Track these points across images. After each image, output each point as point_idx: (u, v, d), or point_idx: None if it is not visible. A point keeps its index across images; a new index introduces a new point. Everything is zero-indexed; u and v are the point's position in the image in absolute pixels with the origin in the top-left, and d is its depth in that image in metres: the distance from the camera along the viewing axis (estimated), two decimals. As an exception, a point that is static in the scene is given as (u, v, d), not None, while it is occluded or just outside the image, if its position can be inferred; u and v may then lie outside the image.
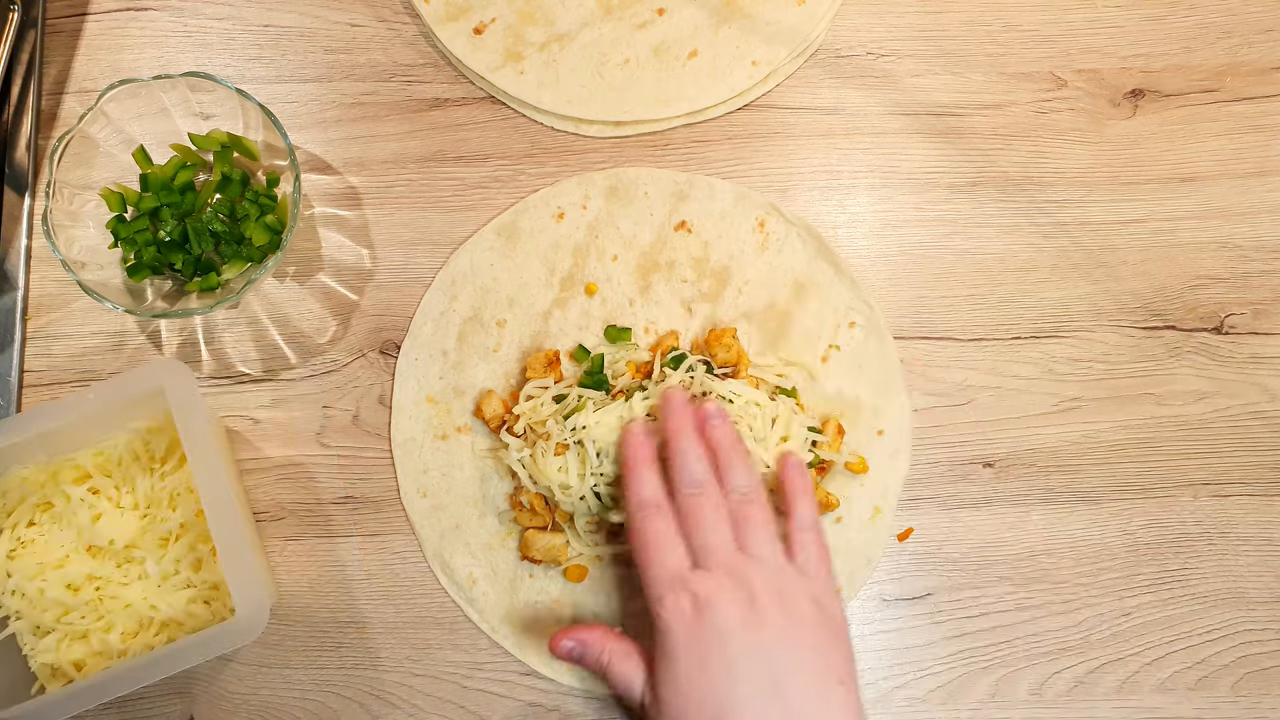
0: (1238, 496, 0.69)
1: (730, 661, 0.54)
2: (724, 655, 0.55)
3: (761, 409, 0.64)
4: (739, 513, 0.59)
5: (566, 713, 0.67)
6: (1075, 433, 0.70)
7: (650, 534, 0.58)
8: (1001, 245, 0.72)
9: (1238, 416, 0.70)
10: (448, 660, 0.67)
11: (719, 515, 0.59)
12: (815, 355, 0.69)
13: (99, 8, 0.74)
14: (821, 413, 0.68)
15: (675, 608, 0.56)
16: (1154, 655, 0.67)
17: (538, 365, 0.68)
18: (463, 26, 0.72)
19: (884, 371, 0.69)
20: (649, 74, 0.72)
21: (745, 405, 0.64)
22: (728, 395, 0.64)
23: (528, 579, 0.67)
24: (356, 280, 0.71)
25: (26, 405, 0.69)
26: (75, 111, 0.72)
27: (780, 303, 0.70)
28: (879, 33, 0.75)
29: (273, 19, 0.74)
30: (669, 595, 0.56)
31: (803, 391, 0.68)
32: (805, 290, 0.70)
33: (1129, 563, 0.69)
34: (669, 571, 0.57)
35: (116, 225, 0.68)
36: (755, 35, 0.72)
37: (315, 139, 0.73)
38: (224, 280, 0.68)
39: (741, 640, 0.55)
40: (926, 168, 0.73)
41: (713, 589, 0.56)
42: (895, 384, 0.69)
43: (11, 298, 0.70)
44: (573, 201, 0.71)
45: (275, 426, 0.70)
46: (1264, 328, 0.71)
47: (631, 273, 0.70)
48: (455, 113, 0.73)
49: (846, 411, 0.69)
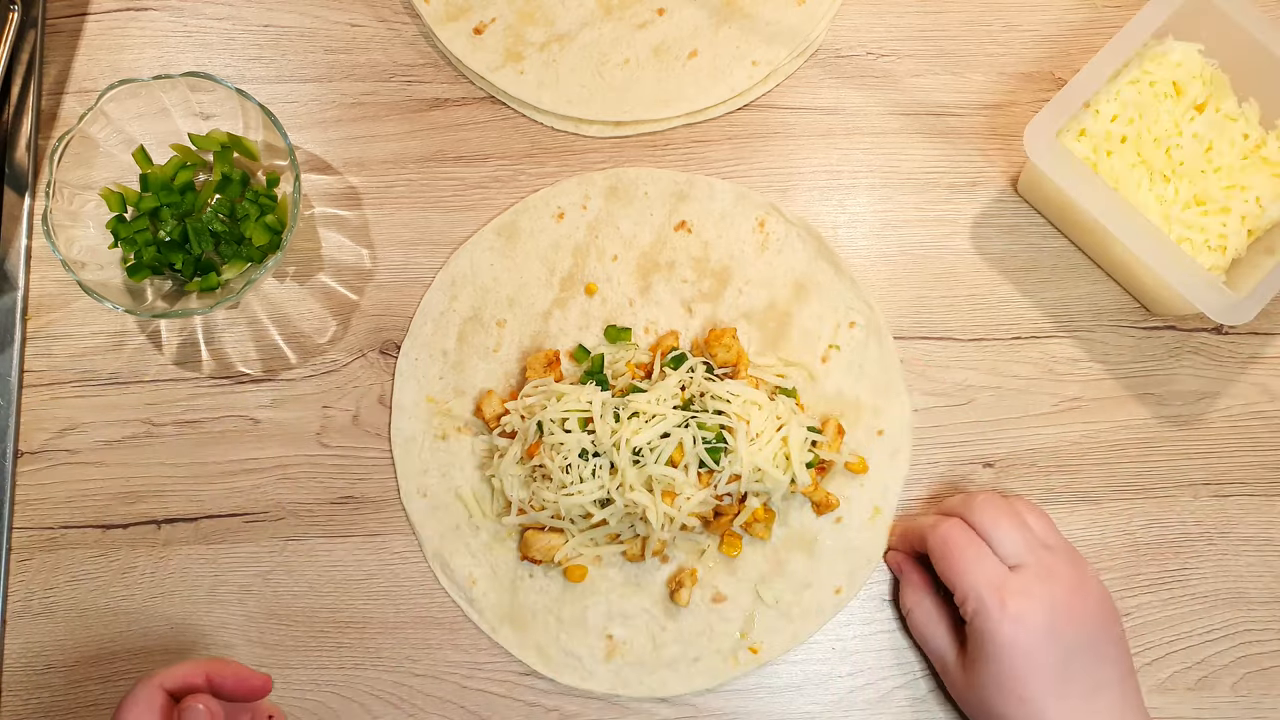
0: (1238, 496, 0.69)
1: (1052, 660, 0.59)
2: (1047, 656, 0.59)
3: (761, 409, 0.64)
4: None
5: (566, 713, 0.67)
6: (1075, 433, 0.70)
7: (957, 540, 0.62)
8: (1001, 245, 0.72)
9: (1238, 416, 0.70)
10: (448, 660, 0.67)
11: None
12: (815, 355, 0.69)
13: (99, 8, 0.74)
14: (821, 413, 0.68)
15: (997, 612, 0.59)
16: (1154, 655, 0.67)
17: (538, 365, 0.68)
18: (463, 26, 0.72)
19: (884, 371, 0.69)
20: (649, 74, 0.72)
21: (744, 405, 0.64)
22: (725, 396, 0.64)
23: (527, 579, 0.67)
24: (356, 280, 0.71)
25: (26, 405, 0.69)
26: (75, 111, 0.72)
27: (780, 303, 0.70)
28: (879, 33, 0.75)
29: (273, 19, 0.74)
30: (990, 598, 0.59)
31: (802, 391, 0.68)
32: (805, 290, 0.70)
33: (1129, 563, 0.69)
34: (986, 577, 0.60)
35: (116, 225, 0.68)
36: (755, 35, 0.72)
37: (315, 139, 0.73)
38: (224, 280, 0.68)
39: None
40: (926, 168, 0.73)
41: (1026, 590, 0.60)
42: (895, 384, 0.69)
43: (11, 298, 0.70)
44: (573, 201, 0.71)
45: (275, 426, 0.70)
46: (1264, 328, 0.71)
47: (631, 273, 0.70)
48: (455, 113, 0.73)
49: (846, 411, 0.69)
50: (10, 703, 0.66)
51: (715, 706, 0.66)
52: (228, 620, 0.67)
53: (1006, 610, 0.59)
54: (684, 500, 0.62)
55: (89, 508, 0.69)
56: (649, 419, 0.63)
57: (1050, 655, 0.59)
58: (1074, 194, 0.63)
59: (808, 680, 0.67)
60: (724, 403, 0.63)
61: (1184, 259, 0.63)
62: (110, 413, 0.69)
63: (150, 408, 0.70)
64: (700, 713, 0.66)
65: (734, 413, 0.63)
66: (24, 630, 0.67)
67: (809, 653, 0.67)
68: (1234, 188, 0.66)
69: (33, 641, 0.67)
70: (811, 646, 0.67)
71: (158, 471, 0.69)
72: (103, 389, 0.70)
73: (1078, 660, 0.59)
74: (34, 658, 0.67)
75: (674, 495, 0.62)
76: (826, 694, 0.67)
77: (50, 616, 0.67)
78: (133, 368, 0.70)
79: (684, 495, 0.62)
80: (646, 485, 0.63)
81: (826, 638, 0.67)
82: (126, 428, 0.69)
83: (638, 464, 0.62)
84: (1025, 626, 0.59)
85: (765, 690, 0.67)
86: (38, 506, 0.68)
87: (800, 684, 0.67)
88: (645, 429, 0.62)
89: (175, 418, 0.70)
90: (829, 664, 0.67)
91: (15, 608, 0.67)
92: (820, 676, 0.67)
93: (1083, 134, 0.67)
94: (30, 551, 0.68)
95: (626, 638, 0.66)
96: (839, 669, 0.67)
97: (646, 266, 0.70)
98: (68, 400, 0.70)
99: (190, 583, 0.68)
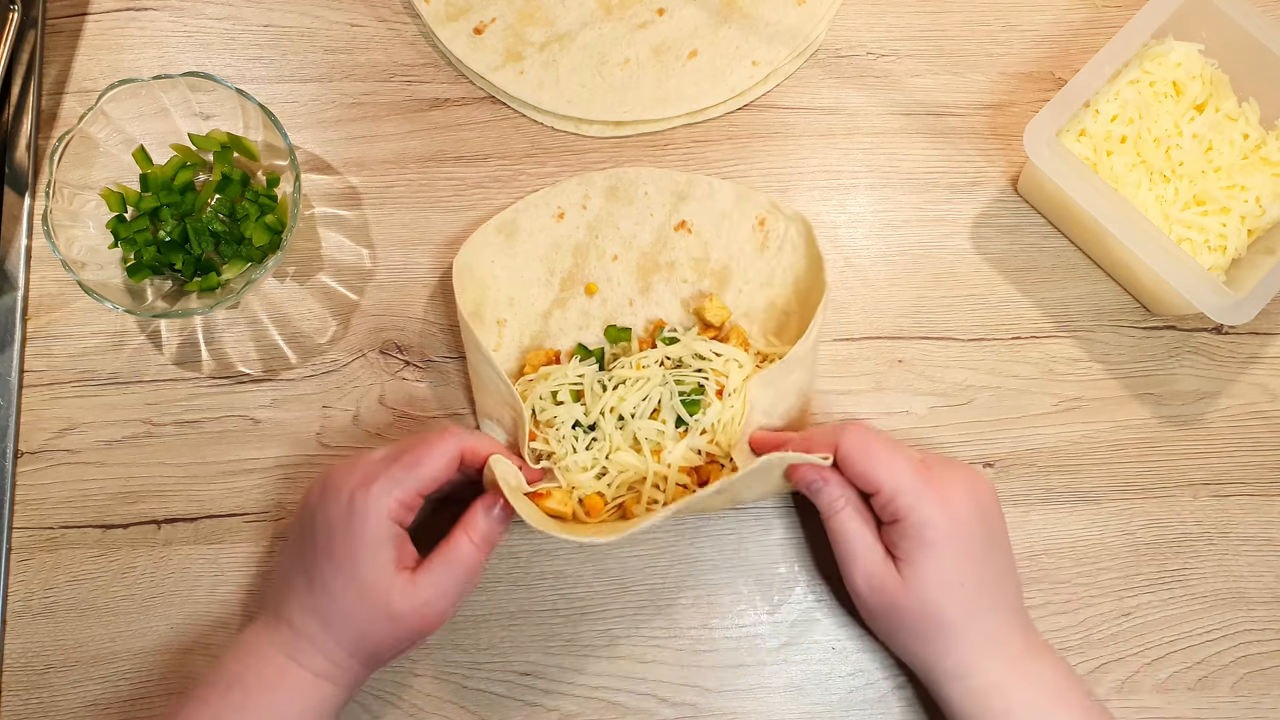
0: (1238, 496, 0.69)
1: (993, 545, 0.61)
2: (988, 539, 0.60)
3: (741, 368, 0.65)
4: None
5: (566, 712, 0.67)
6: (1075, 433, 0.70)
7: (877, 437, 0.60)
8: (1001, 245, 0.72)
9: (1238, 416, 0.70)
10: (448, 660, 0.67)
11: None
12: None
13: (99, 8, 0.74)
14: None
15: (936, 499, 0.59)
16: (1154, 655, 0.67)
17: (537, 365, 0.68)
18: (463, 26, 0.72)
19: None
20: (649, 74, 0.72)
21: (725, 363, 0.65)
22: (708, 354, 0.65)
23: None
24: (356, 280, 0.71)
25: (26, 405, 0.69)
26: (75, 111, 0.72)
27: (780, 302, 0.70)
28: (879, 33, 0.75)
29: (273, 19, 0.74)
30: (923, 486, 0.59)
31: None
32: (806, 289, 0.70)
33: (1129, 563, 0.69)
34: (913, 468, 0.59)
35: (116, 225, 0.68)
36: (755, 35, 0.72)
37: (315, 139, 0.73)
38: (224, 280, 0.68)
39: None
40: (926, 168, 0.73)
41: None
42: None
43: (11, 298, 0.70)
44: (573, 201, 0.71)
45: (275, 426, 0.70)
46: (1264, 328, 0.71)
47: (632, 273, 0.70)
48: (455, 113, 0.73)
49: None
50: (10, 703, 0.66)
51: (715, 706, 0.66)
52: (227, 620, 0.67)
53: (942, 495, 0.59)
54: (668, 454, 0.63)
55: (89, 508, 0.69)
56: (635, 384, 0.64)
57: (978, 538, 0.59)
58: (1074, 194, 0.63)
59: (808, 680, 0.67)
60: (705, 361, 0.64)
61: (1184, 259, 0.63)
62: (110, 413, 0.69)
63: (150, 408, 0.70)
64: (700, 713, 0.66)
65: (713, 369, 0.64)
66: (24, 630, 0.67)
67: (809, 653, 0.67)
68: (1234, 188, 0.66)
69: (33, 641, 0.67)
70: (811, 646, 0.67)
71: (158, 471, 0.69)
72: (103, 389, 0.70)
73: (994, 542, 0.61)
74: (34, 658, 0.67)
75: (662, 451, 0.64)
76: (826, 694, 0.67)
77: (50, 616, 0.67)
78: (133, 368, 0.70)
79: (667, 450, 0.64)
80: (635, 447, 0.64)
81: (826, 638, 0.67)
82: (126, 428, 0.69)
83: (622, 429, 0.64)
84: (960, 509, 0.59)
85: (765, 690, 0.67)
86: (38, 506, 0.68)
87: (800, 684, 0.67)
88: (631, 393, 0.64)
89: (175, 418, 0.70)
90: (829, 664, 0.67)
91: (15, 608, 0.67)
92: (820, 676, 0.67)
93: (1083, 134, 0.67)
94: (30, 551, 0.68)
95: None
96: (839, 669, 0.67)
97: (647, 266, 0.70)
98: (68, 400, 0.70)
99: (190, 583, 0.68)
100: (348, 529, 0.57)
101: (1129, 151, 0.67)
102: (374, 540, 0.57)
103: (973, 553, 0.59)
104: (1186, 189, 0.66)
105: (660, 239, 0.71)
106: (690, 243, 0.71)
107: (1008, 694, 0.59)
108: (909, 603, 0.59)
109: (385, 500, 0.57)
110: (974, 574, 0.59)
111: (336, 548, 0.58)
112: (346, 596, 0.57)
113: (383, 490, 0.57)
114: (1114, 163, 0.66)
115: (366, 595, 0.57)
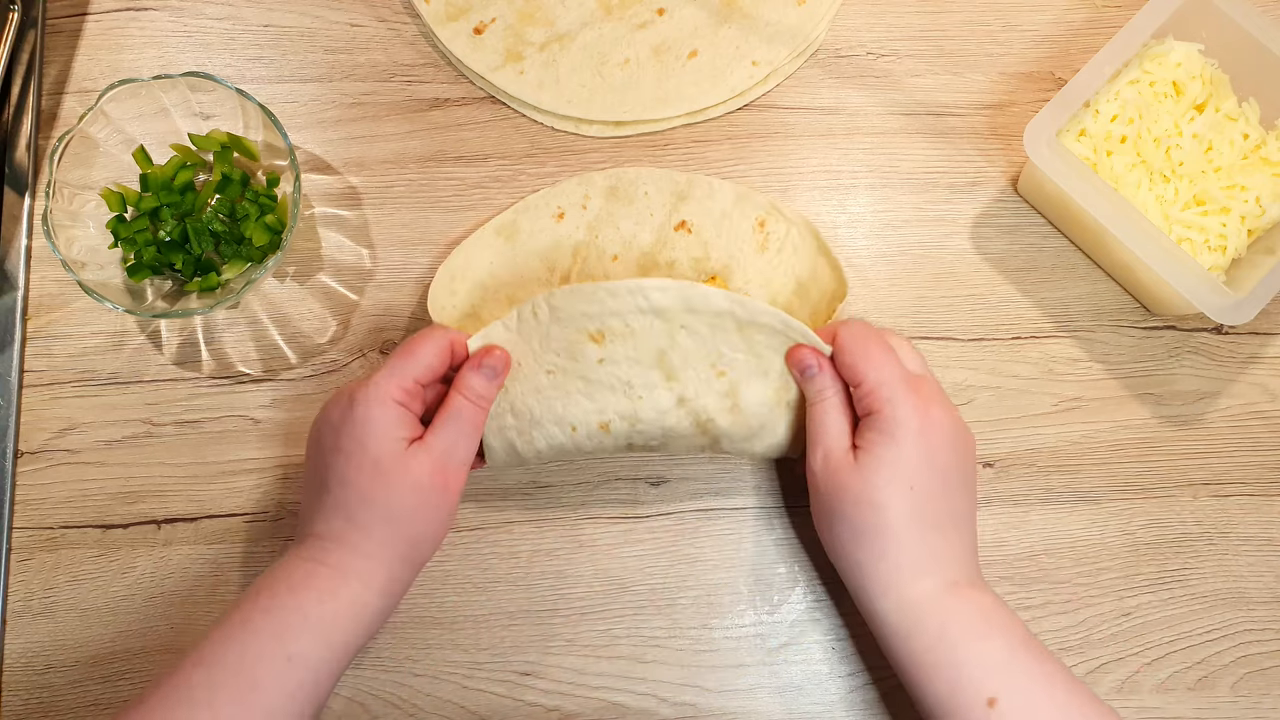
0: (1238, 496, 0.69)
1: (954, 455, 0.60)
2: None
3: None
4: None
5: (566, 713, 0.67)
6: (1075, 433, 0.70)
7: (873, 335, 0.61)
8: (1001, 245, 0.72)
9: (1238, 416, 0.70)
10: (448, 660, 0.67)
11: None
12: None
13: (99, 8, 0.74)
14: None
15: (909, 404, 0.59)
16: (1154, 655, 0.67)
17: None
18: (463, 26, 0.72)
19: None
20: (649, 74, 0.72)
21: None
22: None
23: None
24: (356, 280, 0.71)
25: (26, 405, 0.69)
26: (75, 111, 0.72)
27: (780, 303, 0.70)
28: (879, 33, 0.75)
29: (273, 19, 0.74)
30: (906, 390, 0.59)
31: None
32: (806, 289, 0.70)
33: (1129, 563, 0.69)
34: (901, 373, 0.59)
35: (116, 225, 0.68)
36: (755, 35, 0.72)
37: (315, 139, 0.73)
38: (224, 280, 0.68)
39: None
40: (926, 168, 0.73)
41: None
42: None
43: (11, 298, 0.71)
44: (573, 201, 0.71)
45: (275, 426, 0.70)
46: (1264, 328, 0.71)
47: (631, 272, 0.70)
48: (455, 113, 0.73)
49: None
50: (10, 703, 0.66)
51: (715, 706, 0.66)
52: (228, 620, 0.67)
53: (923, 405, 0.59)
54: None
55: (89, 508, 0.69)
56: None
57: (942, 459, 0.59)
58: (1074, 194, 0.63)
59: (808, 680, 0.67)
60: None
61: (1184, 259, 0.63)
62: (110, 413, 0.69)
63: (150, 408, 0.70)
64: (700, 713, 0.66)
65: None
66: (24, 630, 0.67)
67: (809, 653, 0.67)
68: (1234, 188, 0.66)
69: (33, 641, 0.67)
70: (811, 646, 0.67)
71: (158, 471, 0.69)
72: (103, 389, 0.70)
73: (959, 479, 0.60)
74: (34, 658, 0.67)
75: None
76: (826, 694, 0.67)
77: (50, 616, 0.67)
78: (133, 368, 0.70)
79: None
80: None
81: (826, 638, 0.67)
82: (126, 428, 0.69)
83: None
84: (935, 427, 0.59)
85: (765, 690, 0.67)
86: (38, 506, 0.68)
87: (800, 684, 0.67)
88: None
89: (175, 418, 0.70)
90: (829, 664, 0.67)
91: (15, 608, 0.67)
92: (820, 676, 0.67)
93: (1083, 134, 0.67)
94: (30, 551, 0.68)
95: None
96: (839, 669, 0.67)
97: (647, 266, 0.70)
98: (68, 400, 0.70)
99: (190, 583, 0.68)
100: (352, 420, 0.58)
101: (1129, 151, 0.67)
102: (381, 422, 0.58)
103: (934, 466, 0.58)
104: (1186, 189, 0.66)
105: (660, 239, 0.71)
106: (690, 243, 0.71)
107: (944, 613, 0.57)
108: (853, 483, 0.58)
109: (385, 386, 0.59)
110: (926, 485, 0.58)
111: (344, 440, 0.59)
112: (363, 479, 0.58)
113: (381, 379, 0.59)
114: (1114, 163, 0.66)
115: (382, 469, 0.58)
